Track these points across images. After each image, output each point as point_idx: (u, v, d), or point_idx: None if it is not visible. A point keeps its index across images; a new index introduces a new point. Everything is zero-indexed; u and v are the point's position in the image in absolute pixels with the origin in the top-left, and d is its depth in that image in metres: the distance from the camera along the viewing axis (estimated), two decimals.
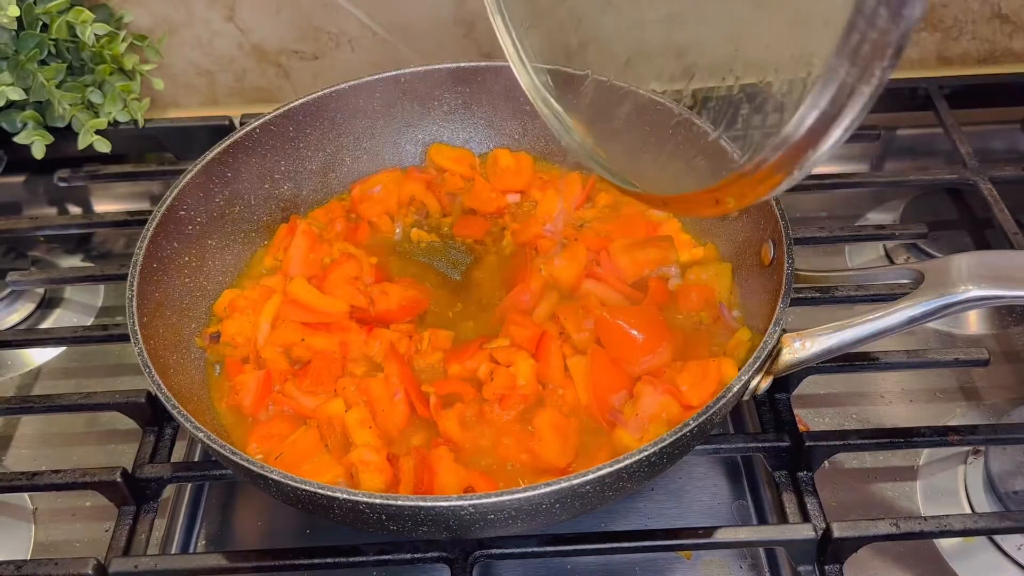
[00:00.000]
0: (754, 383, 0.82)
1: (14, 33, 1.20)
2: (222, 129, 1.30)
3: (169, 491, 0.95)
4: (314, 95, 1.12)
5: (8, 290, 1.21)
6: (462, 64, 1.16)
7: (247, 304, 1.00)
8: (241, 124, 1.18)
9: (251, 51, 1.37)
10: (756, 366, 0.79)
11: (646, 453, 0.72)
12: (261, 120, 1.09)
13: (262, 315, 0.99)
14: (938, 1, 1.34)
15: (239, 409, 0.93)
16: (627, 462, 0.71)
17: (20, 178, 1.39)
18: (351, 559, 0.83)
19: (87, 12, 1.22)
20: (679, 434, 0.74)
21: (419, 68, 1.15)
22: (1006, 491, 0.92)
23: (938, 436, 0.91)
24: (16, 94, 1.20)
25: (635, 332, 0.92)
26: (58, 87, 1.24)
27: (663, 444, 0.73)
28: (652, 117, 0.84)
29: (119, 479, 0.88)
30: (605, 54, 0.85)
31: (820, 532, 0.84)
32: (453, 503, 0.70)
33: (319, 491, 0.71)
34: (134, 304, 0.88)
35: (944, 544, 0.91)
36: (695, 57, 0.75)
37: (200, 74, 1.41)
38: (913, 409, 1.05)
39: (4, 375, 1.15)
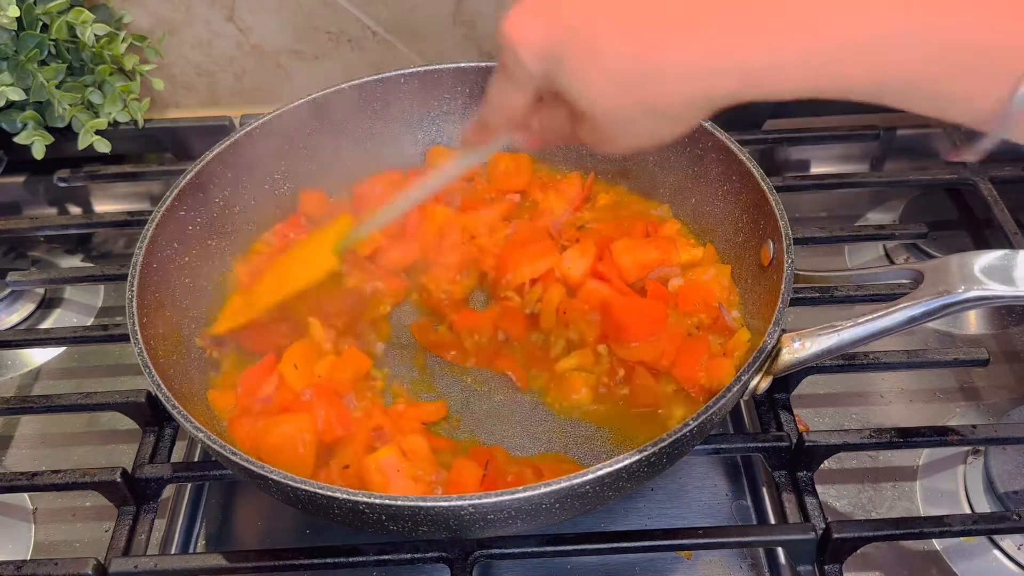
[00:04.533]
0: (753, 383, 0.82)
1: (14, 33, 1.19)
2: (222, 129, 1.30)
3: (169, 491, 0.95)
4: (314, 95, 1.11)
5: (8, 290, 1.20)
6: (462, 64, 1.15)
7: None
8: (241, 124, 1.18)
9: (251, 51, 1.37)
10: (756, 366, 0.79)
11: (646, 453, 0.72)
12: (261, 120, 1.08)
13: None
14: None
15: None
16: (627, 462, 0.71)
17: (20, 178, 1.39)
18: (351, 559, 0.83)
19: (87, 12, 1.22)
20: (679, 434, 0.74)
21: (419, 68, 1.15)
22: (1006, 491, 0.92)
23: (938, 436, 0.91)
24: (16, 94, 1.20)
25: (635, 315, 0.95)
26: (58, 87, 1.23)
27: (663, 444, 0.73)
28: None
29: (119, 479, 0.88)
30: None
31: (820, 532, 0.84)
32: (453, 503, 0.70)
33: (319, 491, 0.71)
34: (134, 304, 0.88)
35: (944, 544, 0.91)
36: None
37: (200, 74, 1.40)
38: (913, 409, 1.05)
39: (4, 375, 1.15)
